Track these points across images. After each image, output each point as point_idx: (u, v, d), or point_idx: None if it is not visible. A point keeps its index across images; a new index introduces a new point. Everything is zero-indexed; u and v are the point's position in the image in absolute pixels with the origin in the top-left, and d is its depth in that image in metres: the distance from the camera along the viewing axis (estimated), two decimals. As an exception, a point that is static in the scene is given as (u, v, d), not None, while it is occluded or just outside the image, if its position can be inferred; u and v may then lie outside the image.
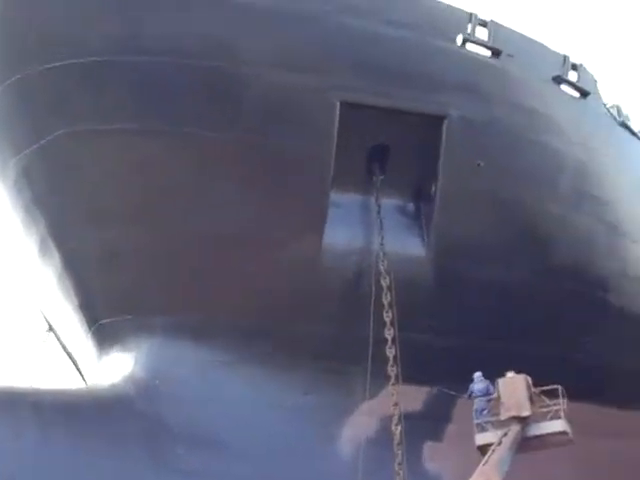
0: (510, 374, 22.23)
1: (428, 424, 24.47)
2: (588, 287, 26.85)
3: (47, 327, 29.08)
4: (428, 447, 24.77)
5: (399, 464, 21.78)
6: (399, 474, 21.66)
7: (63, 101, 22.59)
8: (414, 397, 23.44)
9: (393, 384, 22.49)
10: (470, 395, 22.62)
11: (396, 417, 22.32)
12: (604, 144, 27.78)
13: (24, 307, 31.58)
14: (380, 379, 22.94)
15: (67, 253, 24.40)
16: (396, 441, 22.03)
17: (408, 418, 22.65)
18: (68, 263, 24.58)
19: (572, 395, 23.54)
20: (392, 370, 22.51)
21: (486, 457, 20.24)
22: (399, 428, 22.14)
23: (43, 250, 25.04)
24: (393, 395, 22.46)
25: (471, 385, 22.69)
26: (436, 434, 24.76)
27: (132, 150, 22.75)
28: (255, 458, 23.03)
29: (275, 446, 23.40)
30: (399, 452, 21.90)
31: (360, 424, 23.96)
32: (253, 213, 23.16)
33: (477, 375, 22.70)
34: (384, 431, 22.90)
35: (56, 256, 24.71)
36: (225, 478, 22.51)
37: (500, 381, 22.13)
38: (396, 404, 22.43)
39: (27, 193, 24.47)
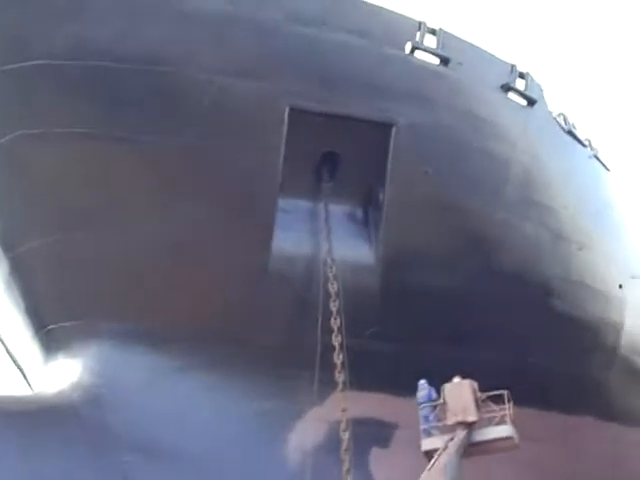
0: (456, 379, 22.37)
1: (375, 430, 24.59)
2: (533, 292, 27.15)
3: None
4: (375, 453, 24.88)
5: (346, 470, 21.82)
6: (346, 480, 21.75)
7: (21, 103, 22.35)
8: (362, 403, 23.40)
9: (341, 390, 22.54)
10: (419, 403, 22.74)
11: (344, 423, 22.35)
12: (550, 152, 28.14)
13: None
14: (328, 385, 22.98)
15: (16, 257, 24.13)
16: (343, 447, 22.07)
17: (356, 424, 22.67)
18: (16, 267, 24.34)
19: (518, 400, 23.92)
20: (340, 376, 22.58)
21: (432, 462, 20.33)
22: (347, 434, 22.17)
23: (-9, 256, 24.83)
24: (341, 401, 22.50)
25: (417, 392, 22.83)
26: (383, 440, 24.88)
27: (84, 155, 22.58)
28: (204, 464, 22.96)
29: (225, 452, 23.39)
30: (346, 458, 21.93)
31: (309, 430, 24.03)
32: (202, 219, 23.11)
33: (421, 382, 22.85)
34: (332, 437, 22.94)
35: (4, 259, 24.47)
36: (174, 485, 22.55)
37: (446, 386, 22.23)
38: (344, 410, 22.46)
39: (-21, 194, 24.25)
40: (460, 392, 22.05)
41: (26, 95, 22.23)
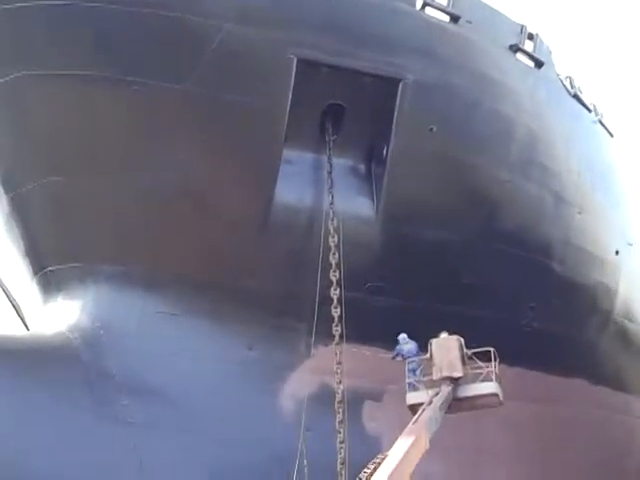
0: (444, 334, 22.35)
1: (369, 384, 24.74)
2: (532, 253, 27.24)
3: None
4: (368, 406, 25.10)
5: (340, 422, 21.95)
6: (340, 432, 21.81)
7: (23, 43, 22.08)
8: (356, 356, 23.59)
9: (337, 343, 22.63)
10: (396, 356, 22.82)
11: (338, 376, 22.47)
12: (556, 115, 28.07)
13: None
14: (324, 337, 23.15)
15: (15, 197, 24.10)
16: (337, 399, 22.18)
17: (350, 377, 22.80)
18: (16, 208, 24.32)
19: (509, 359, 24.15)
20: (336, 330, 22.65)
21: (416, 416, 20.21)
22: (341, 387, 22.28)
23: (-10, 193, 24.81)
24: (336, 354, 22.61)
25: (397, 347, 22.81)
26: (376, 394, 25.05)
27: (85, 97, 22.37)
28: (198, 410, 23.20)
29: (218, 399, 23.58)
30: (340, 410, 22.08)
31: (303, 381, 24.15)
32: (203, 167, 23.01)
33: (402, 337, 22.82)
34: (326, 389, 23.12)
35: (4, 200, 24.44)
36: (168, 429, 22.68)
37: (433, 341, 22.15)
38: (339, 363, 22.58)
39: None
40: (447, 347, 22.00)
41: (28, 36, 21.93)
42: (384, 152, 24.49)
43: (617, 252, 31.00)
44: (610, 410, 31.01)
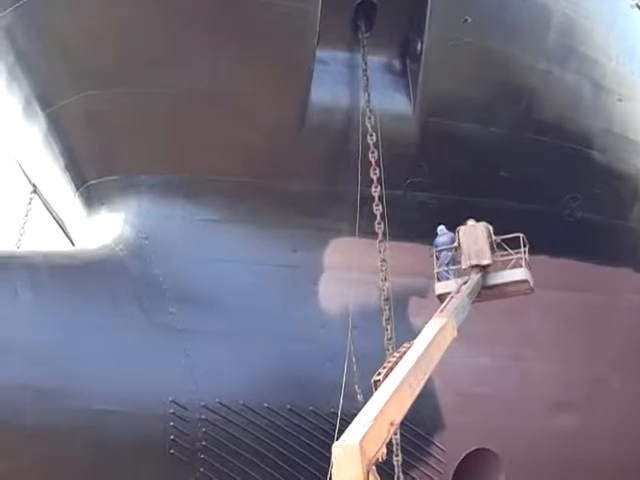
0: (471, 222, 22.25)
1: (413, 280, 24.82)
2: (573, 144, 26.94)
3: (32, 189, 29.08)
4: (414, 302, 25.24)
5: (387, 319, 22.05)
6: (387, 329, 21.91)
7: None
8: (400, 254, 23.56)
9: (380, 241, 22.68)
10: (436, 248, 22.94)
11: (383, 273, 22.54)
12: (592, 0, 27.43)
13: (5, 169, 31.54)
14: (367, 236, 23.17)
15: (52, 114, 24.17)
16: (383, 297, 22.26)
17: (394, 274, 22.82)
18: (53, 124, 24.41)
19: (554, 250, 24.04)
20: (379, 228, 22.64)
21: (444, 304, 20.05)
22: (386, 284, 22.35)
23: (27, 111, 24.83)
24: (380, 252, 22.63)
25: (436, 239, 22.96)
26: (421, 289, 25.10)
27: (112, 6, 22.21)
28: (246, 314, 23.45)
29: (265, 302, 23.83)
30: (386, 307, 22.15)
31: (348, 280, 24.31)
32: (237, 71, 22.85)
33: (441, 228, 22.95)
34: (371, 287, 23.24)
35: (41, 117, 24.53)
36: (215, 335, 23.03)
37: (461, 229, 22.07)
38: (383, 260, 22.61)
39: (9, 54, 24.07)
40: (475, 235, 21.84)
41: None
42: (418, 47, 24.13)
43: (659, 142, 30.52)
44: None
